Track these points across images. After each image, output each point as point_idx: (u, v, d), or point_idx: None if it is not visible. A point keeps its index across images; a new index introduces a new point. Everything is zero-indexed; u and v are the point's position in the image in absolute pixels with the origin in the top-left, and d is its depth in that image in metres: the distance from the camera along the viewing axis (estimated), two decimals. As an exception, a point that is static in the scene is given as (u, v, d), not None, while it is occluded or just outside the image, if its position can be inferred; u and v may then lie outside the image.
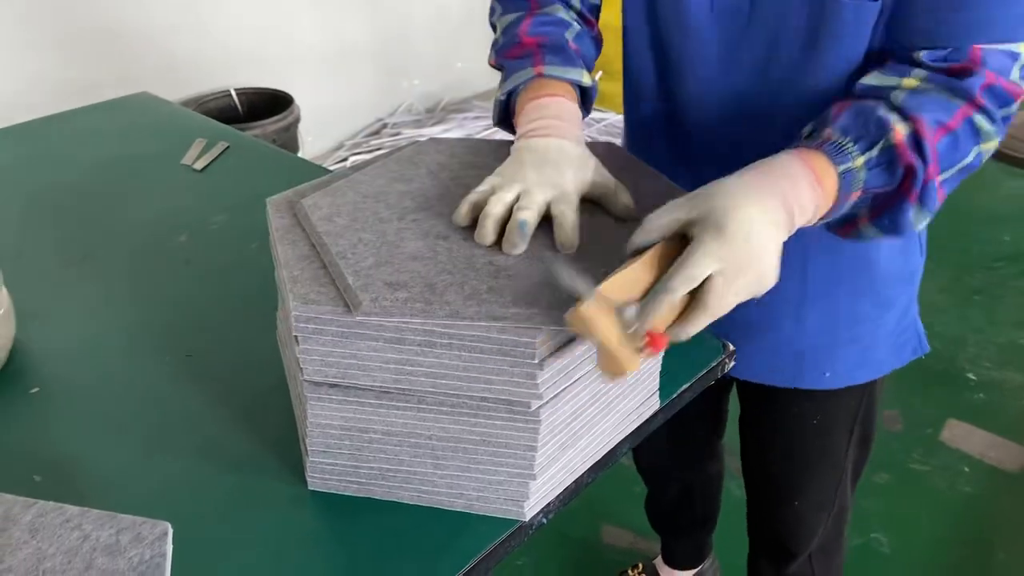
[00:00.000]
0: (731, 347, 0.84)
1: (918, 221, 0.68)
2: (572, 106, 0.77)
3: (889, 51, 0.73)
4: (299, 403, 0.69)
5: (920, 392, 2.10)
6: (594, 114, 3.37)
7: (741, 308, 0.72)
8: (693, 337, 0.85)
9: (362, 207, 0.71)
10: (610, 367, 0.56)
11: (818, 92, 0.77)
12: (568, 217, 0.67)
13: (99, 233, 1.06)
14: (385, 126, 3.25)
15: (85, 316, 0.91)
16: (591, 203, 0.72)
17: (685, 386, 0.79)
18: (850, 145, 0.65)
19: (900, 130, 0.65)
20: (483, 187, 0.70)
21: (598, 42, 0.89)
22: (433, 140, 0.83)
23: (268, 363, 0.81)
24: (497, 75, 0.84)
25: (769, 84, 0.80)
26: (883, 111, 0.66)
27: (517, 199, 0.68)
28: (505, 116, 0.84)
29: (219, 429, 0.75)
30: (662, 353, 0.62)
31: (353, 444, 0.65)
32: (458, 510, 0.67)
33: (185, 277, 0.98)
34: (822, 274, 0.90)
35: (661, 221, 0.60)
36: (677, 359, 0.80)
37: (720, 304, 0.57)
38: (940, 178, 0.66)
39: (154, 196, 1.16)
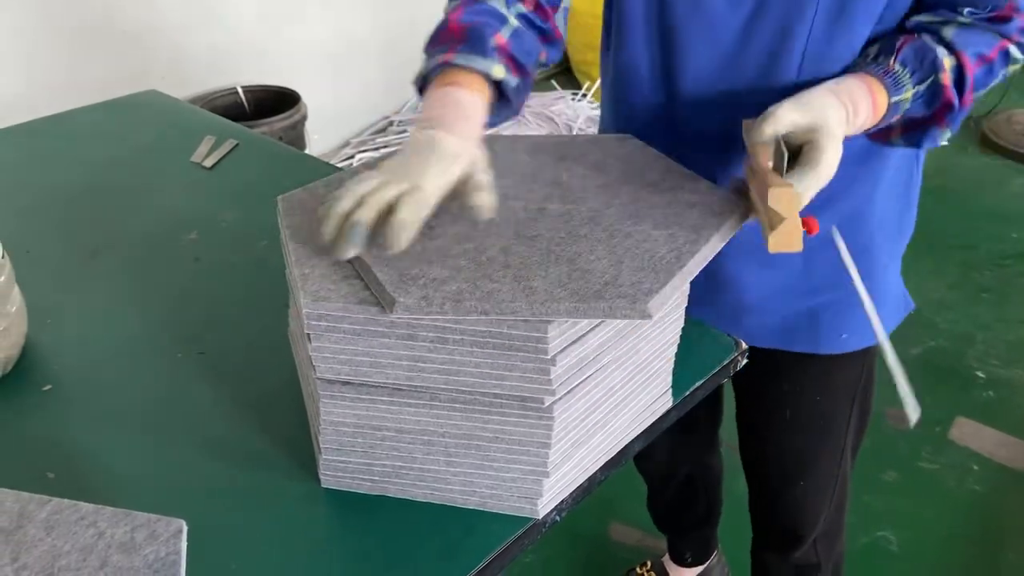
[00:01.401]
0: (743, 344, 0.84)
1: (941, 139, 0.80)
2: (468, 97, 0.74)
3: (933, 5, 0.80)
4: (312, 401, 0.69)
5: (929, 390, 2.09)
6: (595, 109, 3.36)
7: (751, 272, 0.94)
8: (706, 334, 0.86)
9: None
10: (790, 242, 0.65)
11: (831, 73, 0.79)
12: (400, 216, 0.63)
13: (109, 231, 1.07)
14: (391, 124, 3.25)
15: (96, 313, 0.91)
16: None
17: (698, 384, 0.79)
18: (907, 77, 0.76)
19: (947, 68, 0.76)
20: (372, 183, 0.66)
21: (549, 36, 0.85)
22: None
23: (279, 360, 0.81)
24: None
25: (776, 72, 0.81)
26: (939, 51, 0.76)
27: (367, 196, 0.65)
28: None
29: (232, 426, 0.75)
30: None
31: (366, 442, 0.65)
32: (471, 508, 0.67)
33: (195, 274, 0.98)
34: (826, 227, 0.90)
35: (788, 119, 0.71)
36: (690, 356, 0.80)
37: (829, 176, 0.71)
38: (971, 97, 0.78)
39: (163, 194, 1.16)
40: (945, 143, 0.81)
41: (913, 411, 0.67)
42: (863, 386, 1.06)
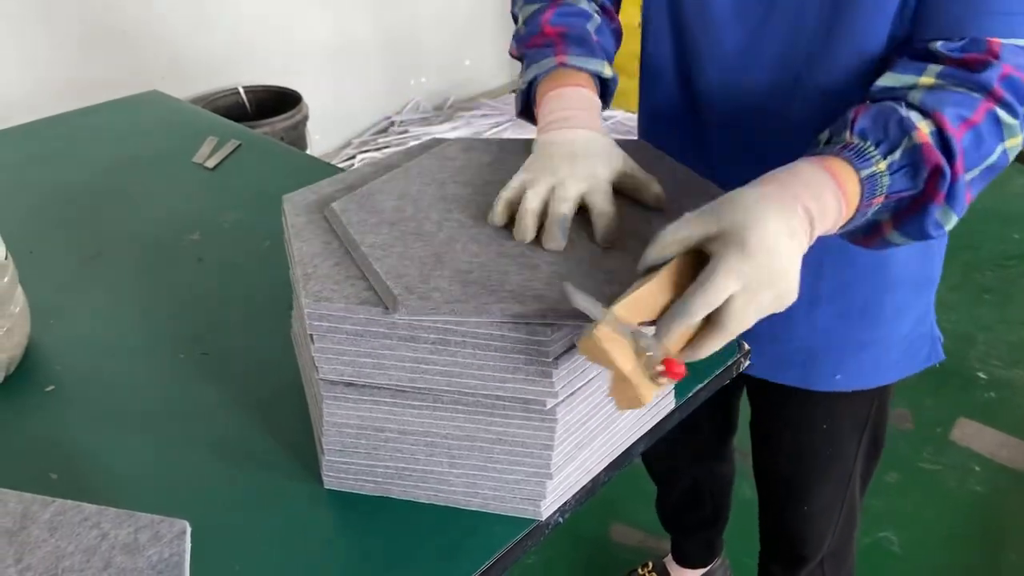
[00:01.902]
0: (746, 346, 0.83)
1: (946, 223, 0.65)
2: (594, 96, 0.77)
3: (904, 43, 0.72)
4: (315, 402, 0.69)
5: (930, 391, 2.09)
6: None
7: None
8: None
9: (393, 207, 0.71)
10: (625, 396, 0.52)
11: (837, 86, 0.77)
12: (605, 209, 0.66)
13: (111, 231, 1.07)
14: (393, 124, 3.25)
15: (99, 314, 0.91)
16: (621, 195, 0.71)
17: (700, 385, 0.78)
18: (872, 149, 0.62)
19: (923, 128, 0.62)
20: (515, 183, 0.69)
21: (618, 35, 0.88)
22: (458, 140, 0.83)
23: (283, 361, 0.81)
24: (507, 71, 0.84)
25: (788, 76, 0.80)
26: (904, 110, 0.64)
27: (551, 193, 0.67)
28: (526, 106, 0.83)
29: (235, 428, 0.75)
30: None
31: (369, 443, 0.65)
32: (474, 509, 0.67)
33: (198, 275, 0.98)
34: (837, 273, 0.90)
35: (677, 236, 0.56)
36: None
37: (740, 324, 0.54)
38: (967, 177, 0.64)
39: (166, 194, 1.16)
40: (950, 228, 0.66)
41: (596, 312, 0.53)
42: (873, 421, 1.04)
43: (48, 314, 0.90)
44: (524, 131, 3.26)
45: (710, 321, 0.55)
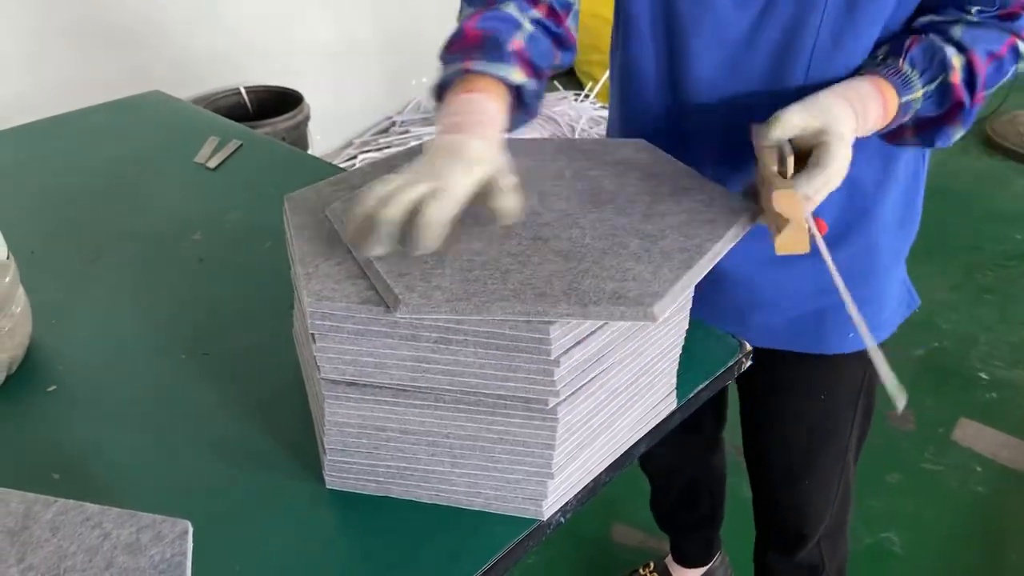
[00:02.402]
0: (748, 347, 0.83)
1: (954, 136, 0.80)
2: (488, 103, 0.74)
3: (941, 5, 0.81)
4: (316, 401, 0.69)
5: (932, 391, 2.09)
6: (597, 110, 3.36)
7: (759, 272, 0.94)
8: (711, 336, 0.86)
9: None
10: (797, 243, 0.66)
11: (837, 77, 0.79)
12: (426, 216, 0.62)
13: (113, 232, 1.07)
14: (394, 124, 3.25)
15: (100, 314, 0.91)
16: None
17: (702, 386, 0.78)
18: (916, 78, 0.76)
19: (957, 67, 0.76)
20: (395, 183, 0.66)
21: (564, 40, 0.85)
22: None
23: (284, 361, 0.81)
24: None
25: (787, 67, 0.81)
26: (947, 50, 0.76)
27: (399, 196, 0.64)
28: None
29: (237, 427, 0.75)
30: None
31: (370, 443, 0.65)
32: (476, 509, 0.67)
33: (199, 275, 0.98)
34: (835, 226, 0.91)
35: (796, 120, 0.72)
36: (694, 358, 0.80)
37: (840, 175, 0.71)
38: (983, 94, 0.78)
39: (167, 194, 1.16)
40: (958, 140, 0.82)
41: (900, 395, 0.68)
42: (867, 386, 1.06)
43: (50, 314, 0.90)
44: (526, 130, 3.26)
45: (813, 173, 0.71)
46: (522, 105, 0.80)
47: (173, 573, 0.51)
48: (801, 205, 0.67)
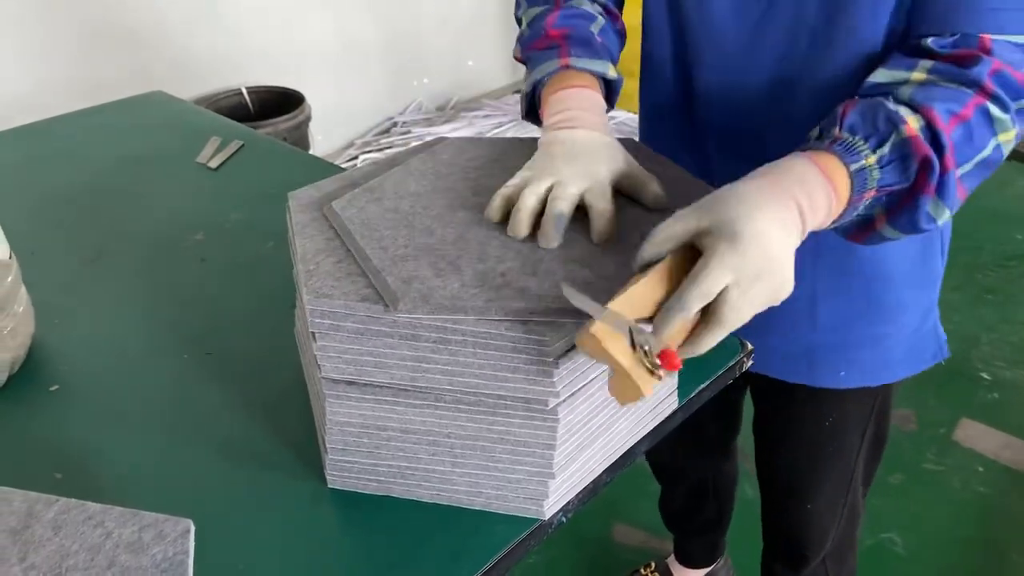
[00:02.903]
0: (749, 346, 0.83)
1: (938, 216, 0.65)
2: (598, 97, 0.77)
3: (898, 39, 0.72)
4: (317, 401, 0.69)
5: (934, 392, 2.09)
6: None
7: None
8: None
9: (393, 205, 0.71)
10: (625, 391, 0.53)
11: (836, 83, 0.77)
12: (603, 208, 0.66)
13: (115, 232, 1.07)
14: (395, 125, 3.25)
15: (102, 314, 0.91)
16: (621, 194, 0.72)
17: (703, 385, 0.78)
18: (861, 143, 0.63)
19: (912, 123, 0.62)
20: (515, 181, 0.69)
21: (622, 35, 0.89)
22: (459, 139, 0.83)
23: (286, 361, 0.81)
24: (509, 71, 0.84)
25: (787, 74, 0.80)
26: (892, 105, 0.64)
27: (550, 191, 0.68)
28: (531, 109, 0.84)
29: (239, 427, 0.75)
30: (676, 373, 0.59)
31: (371, 442, 0.65)
32: (477, 509, 0.67)
33: (201, 275, 0.98)
34: (834, 270, 0.90)
35: (671, 231, 0.57)
36: (695, 359, 0.80)
37: (736, 317, 0.55)
38: (959, 172, 0.64)
39: (169, 194, 1.16)
40: (943, 222, 0.66)
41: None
42: (876, 418, 1.04)
43: (52, 314, 0.90)
44: (527, 131, 3.26)
45: (706, 316, 0.55)
46: (610, 98, 0.82)
47: (175, 572, 0.51)
48: (617, 344, 0.52)
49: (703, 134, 0.90)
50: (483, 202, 0.70)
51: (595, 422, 0.66)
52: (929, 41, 0.67)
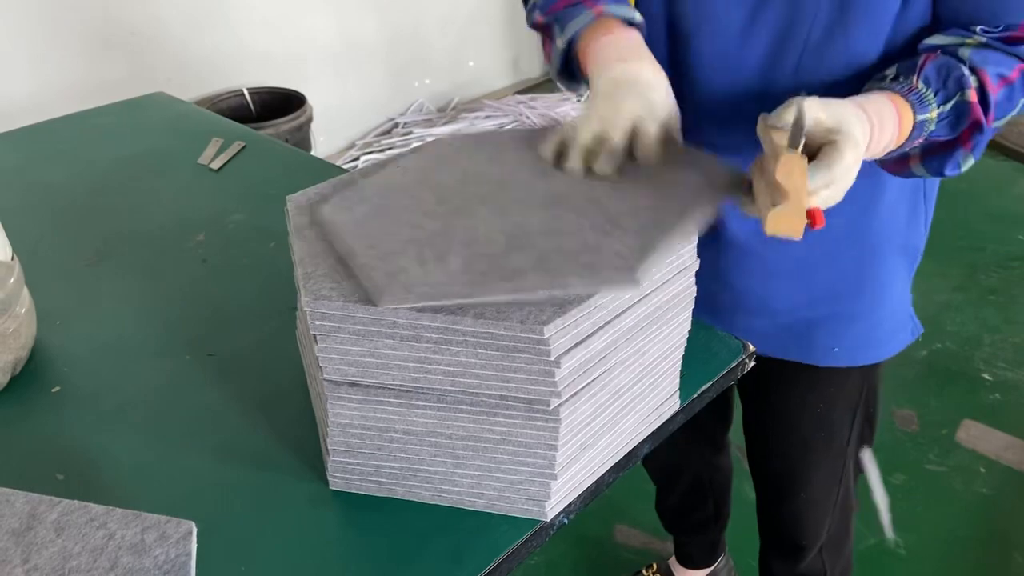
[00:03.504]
0: (751, 347, 0.83)
1: (964, 165, 0.75)
2: (640, 38, 0.79)
3: (946, 23, 0.77)
4: (319, 402, 0.69)
5: (935, 392, 2.09)
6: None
7: (753, 279, 0.92)
8: (713, 337, 0.86)
9: (383, 203, 0.71)
10: (791, 223, 0.61)
11: (833, 76, 0.78)
12: (650, 132, 0.71)
13: (116, 233, 1.07)
14: (396, 125, 3.25)
15: (104, 315, 0.91)
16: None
17: (705, 386, 0.78)
18: (930, 96, 0.71)
19: (974, 87, 0.71)
20: (572, 122, 0.73)
21: None
22: (452, 136, 0.83)
23: (288, 362, 0.81)
24: (510, 72, 0.85)
25: (781, 66, 0.81)
26: (965, 69, 0.71)
27: (605, 122, 0.71)
28: (565, 65, 0.85)
29: (241, 428, 0.75)
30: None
31: (373, 443, 0.65)
32: (479, 510, 0.67)
33: (203, 276, 0.98)
34: (828, 236, 0.90)
35: (815, 115, 0.66)
36: (697, 359, 0.80)
37: (847, 180, 0.66)
38: (994, 125, 0.72)
39: (171, 195, 1.16)
40: (967, 169, 0.75)
41: (887, 523, 0.67)
42: (865, 398, 1.05)
43: (54, 315, 0.90)
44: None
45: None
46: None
47: (178, 574, 0.51)
48: (806, 177, 0.62)
49: (692, 119, 0.90)
50: (471, 193, 0.71)
51: (597, 423, 0.66)
52: (978, 29, 0.74)
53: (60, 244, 1.05)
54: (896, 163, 0.79)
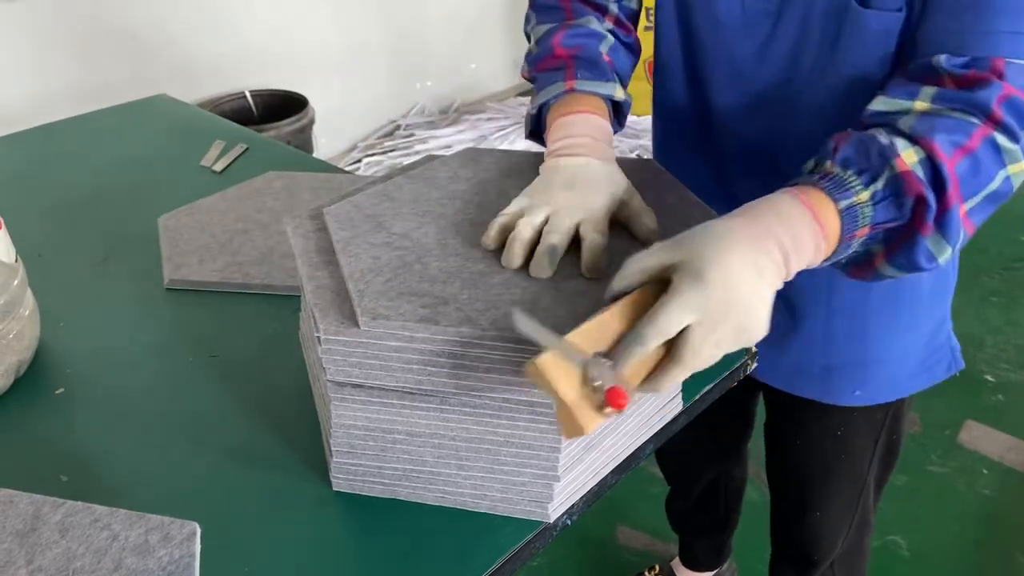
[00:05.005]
0: (753, 348, 0.83)
1: (939, 254, 0.62)
2: (603, 122, 0.75)
3: (906, 58, 0.70)
4: (323, 403, 0.69)
5: (938, 393, 2.07)
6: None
7: (774, 317, 0.64)
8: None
9: (379, 219, 0.71)
10: (567, 425, 0.51)
11: (841, 96, 0.77)
12: (596, 241, 0.65)
13: (120, 235, 1.07)
14: (398, 128, 3.26)
15: (107, 317, 0.91)
16: (618, 224, 0.71)
17: (708, 387, 0.78)
18: (853, 178, 0.60)
19: (906, 157, 0.60)
20: (512, 209, 0.69)
21: (635, 50, 0.87)
22: (459, 153, 0.83)
23: (291, 364, 0.81)
24: (512, 74, 0.85)
25: (794, 83, 0.80)
26: (885, 138, 0.61)
27: (546, 222, 0.67)
28: (536, 129, 0.83)
29: (244, 429, 0.75)
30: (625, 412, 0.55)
31: (377, 445, 0.65)
32: (482, 511, 0.67)
33: (206, 278, 0.98)
34: (849, 288, 0.89)
35: (640, 265, 0.55)
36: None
37: (696, 358, 0.53)
38: (965, 207, 0.61)
39: (174, 198, 1.16)
40: (946, 259, 0.62)
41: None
42: (888, 429, 1.04)
43: (57, 317, 0.90)
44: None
45: (669, 353, 0.54)
46: (618, 119, 0.81)
47: (181, 575, 0.51)
48: (563, 377, 0.50)
49: (717, 143, 0.90)
50: (475, 220, 0.71)
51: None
52: (942, 58, 0.64)
53: (64, 246, 1.05)
54: (858, 267, 0.67)
